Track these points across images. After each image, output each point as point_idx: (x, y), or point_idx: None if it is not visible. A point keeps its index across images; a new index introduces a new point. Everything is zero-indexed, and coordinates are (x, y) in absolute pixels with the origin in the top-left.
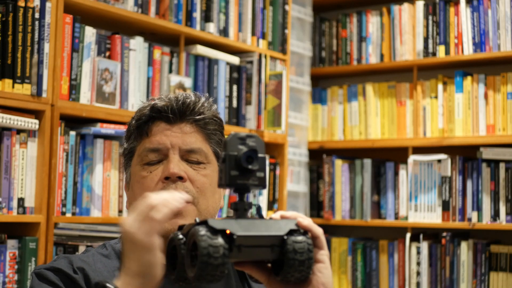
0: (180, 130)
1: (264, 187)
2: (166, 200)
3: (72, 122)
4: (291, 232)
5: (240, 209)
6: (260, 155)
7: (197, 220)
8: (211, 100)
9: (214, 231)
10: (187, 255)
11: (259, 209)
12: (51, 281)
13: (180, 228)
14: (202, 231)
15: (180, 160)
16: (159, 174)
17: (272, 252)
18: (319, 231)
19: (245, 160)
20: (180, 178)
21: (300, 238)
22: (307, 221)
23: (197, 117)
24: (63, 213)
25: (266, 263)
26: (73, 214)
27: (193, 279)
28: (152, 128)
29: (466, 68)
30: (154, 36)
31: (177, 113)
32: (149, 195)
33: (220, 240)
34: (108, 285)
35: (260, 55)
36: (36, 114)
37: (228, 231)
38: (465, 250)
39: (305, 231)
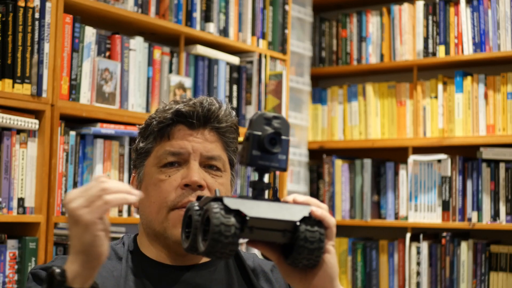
0: (202, 136)
1: (285, 169)
2: (121, 189)
3: (72, 122)
4: (304, 219)
5: (258, 189)
6: (284, 137)
7: (217, 192)
8: (231, 107)
9: (228, 210)
10: (200, 229)
11: (275, 192)
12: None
13: (199, 198)
14: (217, 208)
15: (199, 168)
16: (178, 180)
17: (284, 236)
18: (331, 221)
19: (268, 141)
20: (200, 187)
21: (313, 227)
22: (320, 211)
23: (220, 125)
24: (63, 213)
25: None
26: None
27: (203, 254)
28: (174, 131)
29: (466, 68)
30: (154, 36)
31: (201, 119)
32: (104, 179)
33: (232, 220)
34: (55, 269)
35: (260, 55)
36: (36, 114)
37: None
38: (465, 250)
39: (319, 220)
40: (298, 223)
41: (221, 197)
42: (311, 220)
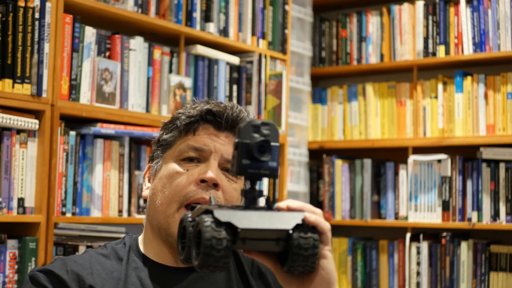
0: (226, 138)
1: (275, 177)
2: None
3: (72, 122)
4: (297, 227)
5: (249, 197)
6: (273, 144)
7: (212, 200)
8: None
9: (219, 223)
10: (193, 241)
11: (267, 200)
12: (41, 284)
13: (192, 208)
14: (207, 221)
15: (218, 168)
16: (195, 175)
17: (277, 245)
18: (326, 227)
19: (257, 150)
20: (215, 185)
21: (306, 234)
22: (314, 217)
23: None
24: (63, 213)
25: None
26: (73, 214)
27: (197, 268)
28: (200, 128)
29: (466, 68)
30: (154, 36)
31: (229, 121)
32: None
33: (223, 233)
34: None
35: (260, 55)
36: (36, 114)
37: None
38: (465, 250)
39: (312, 226)
40: (291, 231)
41: (212, 209)
42: (304, 226)
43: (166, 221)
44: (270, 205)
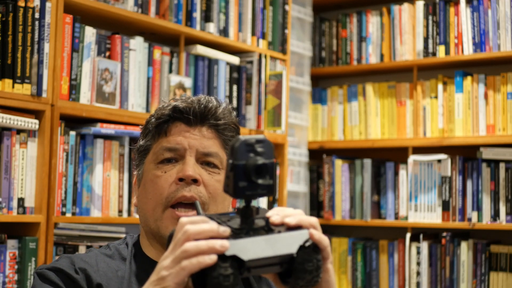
0: (199, 133)
1: (272, 194)
2: (201, 249)
3: (72, 122)
4: (300, 248)
5: (247, 216)
6: (268, 162)
7: (198, 206)
8: (231, 106)
9: (224, 258)
10: (195, 274)
11: (267, 222)
12: (52, 282)
13: None
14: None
15: (195, 163)
16: (173, 175)
17: (281, 267)
18: (326, 242)
19: (255, 172)
20: (195, 181)
21: (310, 256)
22: (317, 235)
23: (217, 122)
24: (63, 213)
25: None
26: (73, 214)
27: None
28: (171, 128)
29: (466, 68)
30: (154, 36)
31: (198, 115)
32: (187, 230)
33: (230, 269)
34: None
35: (260, 55)
36: (36, 114)
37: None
38: (465, 250)
39: (314, 245)
40: (295, 255)
41: None
42: (306, 248)
43: (156, 225)
44: (270, 227)
